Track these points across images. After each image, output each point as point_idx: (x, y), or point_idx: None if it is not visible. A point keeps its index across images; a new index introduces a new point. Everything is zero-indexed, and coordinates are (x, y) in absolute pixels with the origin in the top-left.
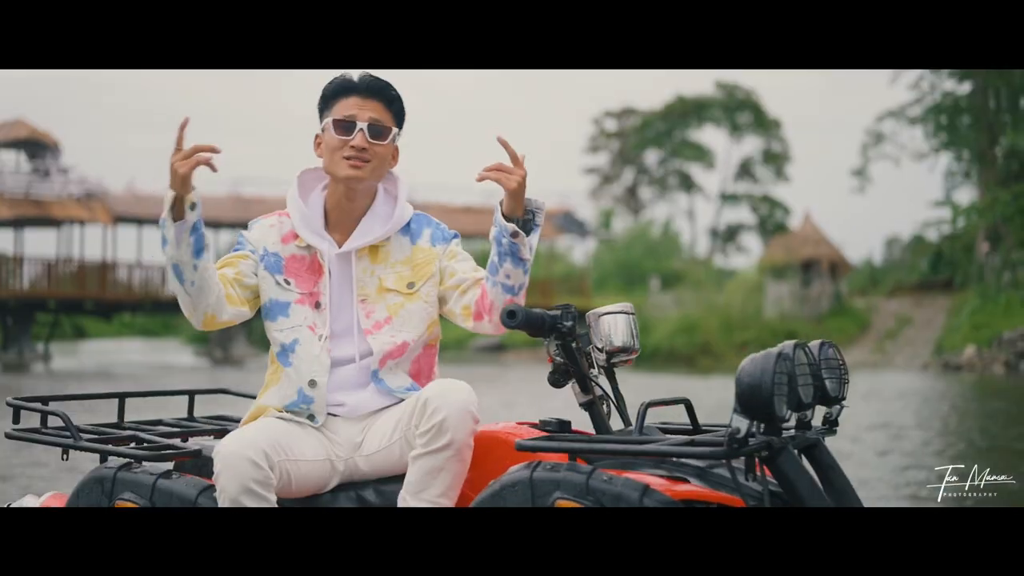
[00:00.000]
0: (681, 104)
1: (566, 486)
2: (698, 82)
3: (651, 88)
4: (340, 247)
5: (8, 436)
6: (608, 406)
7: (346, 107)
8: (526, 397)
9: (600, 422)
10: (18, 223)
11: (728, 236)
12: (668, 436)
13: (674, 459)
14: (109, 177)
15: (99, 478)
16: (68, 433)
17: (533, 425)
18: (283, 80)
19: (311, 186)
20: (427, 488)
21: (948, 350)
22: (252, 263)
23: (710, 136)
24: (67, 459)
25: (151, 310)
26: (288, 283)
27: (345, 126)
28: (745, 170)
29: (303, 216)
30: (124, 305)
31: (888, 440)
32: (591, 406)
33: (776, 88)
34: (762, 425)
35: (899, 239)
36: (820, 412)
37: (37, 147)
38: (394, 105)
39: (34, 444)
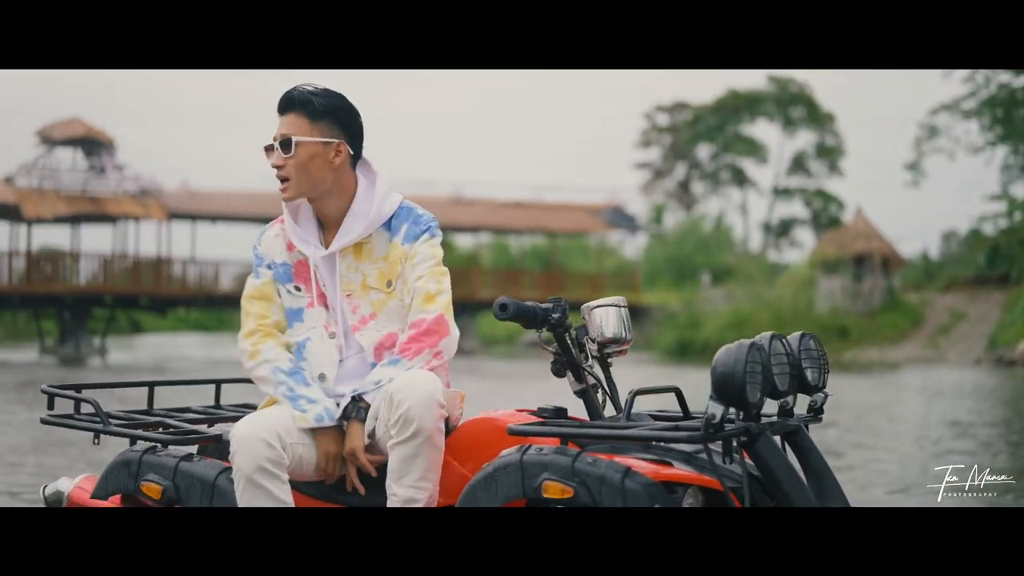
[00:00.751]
0: (733, 98)
1: (553, 468)
2: (750, 76)
3: (702, 82)
4: (328, 248)
5: (43, 421)
6: (603, 394)
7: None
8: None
9: (593, 409)
10: (75, 220)
11: (781, 231)
12: (654, 422)
13: (662, 445)
14: (163, 174)
15: (126, 461)
16: (99, 419)
17: (532, 412)
18: (372, 79)
19: None
20: (407, 474)
21: (1002, 345)
22: (274, 288)
23: (762, 130)
24: (98, 443)
25: (205, 305)
26: (299, 289)
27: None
28: (798, 164)
29: (291, 226)
30: (179, 300)
31: (955, 438)
32: (584, 394)
33: (829, 82)
34: (740, 412)
35: (956, 233)
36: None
37: (93, 145)
38: (307, 108)
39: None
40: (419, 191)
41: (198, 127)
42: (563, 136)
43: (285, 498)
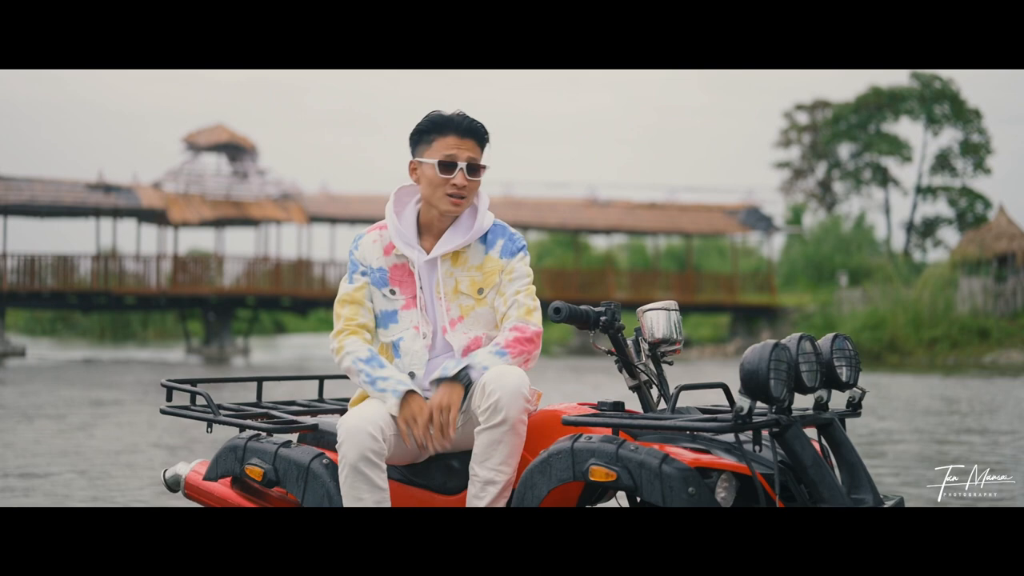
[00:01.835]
0: (875, 95)
1: (599, 454)
2: (892, 72)
3: (843, 80)
4: (428, 253)
5: (162, 412)
6: (661, 389)
7: (445, 146)
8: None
9: (645, 402)
10: (219, 223)
11: (925, 230)
12: (695, 413)
13: (707, 436)
14: (303, 178)
15: (233, 447)
16: (210, 410)
17: (592, 405)
18: (524, 79)
19: (406, 201)
20: (490, 458)
21: None
22: (368, 292)
23: (905, 128)
24: (211, 431)
25: None
26: (393, 292)
27: (447, 166)
28: (942, 162)
29: (397, 230)
30: (319, 301)
31: None
32: (638, 389)
33: (975, 77)
34: (773, 406)
35: None
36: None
37: (236, 151)
38: (483, 139)
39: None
40: (554, 193)
41: (338, 129)
42: (701, 137)
43: (383, 484)
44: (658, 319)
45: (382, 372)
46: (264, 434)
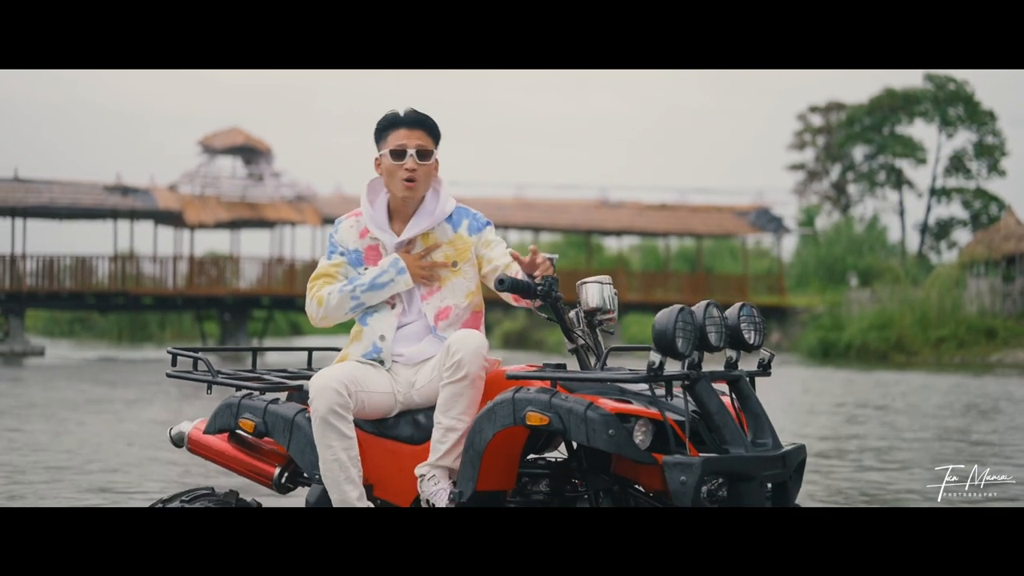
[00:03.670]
0: (889, 97)
1: (535, 403)
2: (906, 74)
3: (857, 81)
4: (399, 236)
5: (168, 375)
6: (597, 353)
7: (397, 138)
8: None
9: (582, 363)
10: (234, 225)
11: (940, 232)
12: (620, 371)
13: (632, 390)
14: (318, 180)
15: (228, 404)
16: (210, 373)
17: (538, 367)
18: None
19: (378, 190)
20: (452, 408)
21: None
22: (344, 268)
23: (920, 130)
24: (210, 393)
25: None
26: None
27: (398, 153)
28: (957, 164)
29: (370, 216)
30: None
31: None
32: (576, 352)
33: (989, 79)
34: (684, 362)
35: None
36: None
37: (252, 153)
38: (433, 131)
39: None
40: (566, 195)
41: (352, 131)
42: (712, 138)
43: (350, 434)
44: (592, 291)
45: (367, 275)
46: (256, 393)
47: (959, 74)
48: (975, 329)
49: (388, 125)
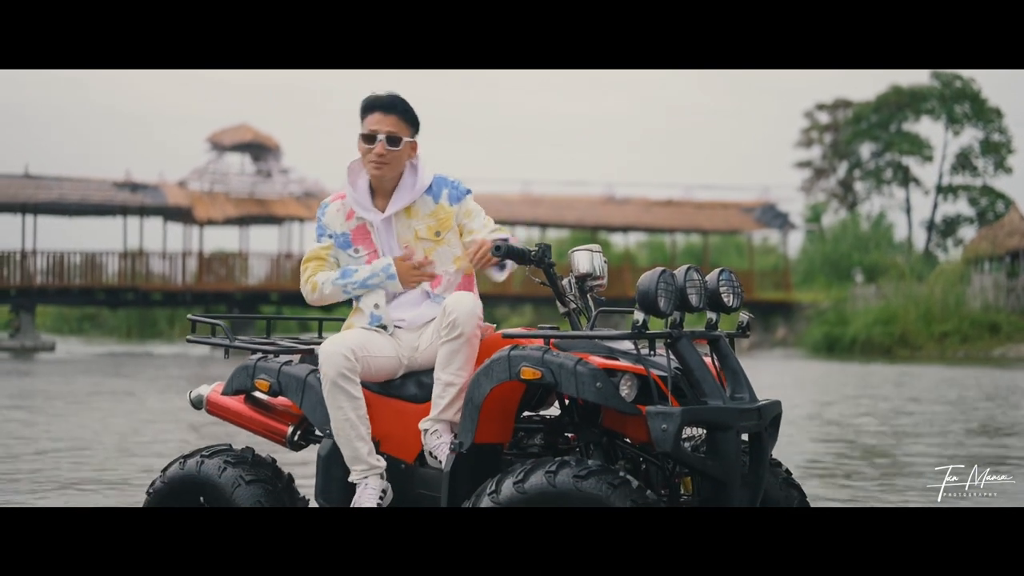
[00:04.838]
0: (896, 95)
1: (529, 359)
2: (913, 73)
3: (864, 79)
4: (383, 212)
5: (188, 341)
6: (588, 316)
7: (371, 122)
8: None
9: (574, 324)
10: (243, 221)
11: (947, 229)
12: (609, 331)
13: (621, 349)
14: (325, 177)
15: (245, 366)
16: (228, 338)
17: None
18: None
19: (360, 171)
20: (450, 364)
21: None
22: (332, 251)
23: (926, 127)
24: (227, 357)
25: None
26: (357, 251)
27: (368, 138)
28: (963, 162)
29: (353, 198)
30: None
31: None
32: (568, 315)
33: (996, 76)
34: (665, 320)
35: None
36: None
37: (260, 150)
38: (407, 115)
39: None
40: (572, 191)
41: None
42: (719, 137)
43: (358, 395)
44: (582, 258)
45: (360, 274)
46: (271, 356)
47: (966, 72)
48: (979, 324)
49: (365, 108)
